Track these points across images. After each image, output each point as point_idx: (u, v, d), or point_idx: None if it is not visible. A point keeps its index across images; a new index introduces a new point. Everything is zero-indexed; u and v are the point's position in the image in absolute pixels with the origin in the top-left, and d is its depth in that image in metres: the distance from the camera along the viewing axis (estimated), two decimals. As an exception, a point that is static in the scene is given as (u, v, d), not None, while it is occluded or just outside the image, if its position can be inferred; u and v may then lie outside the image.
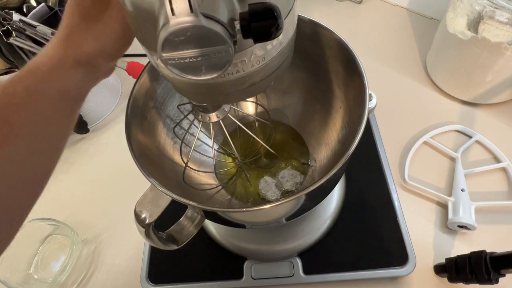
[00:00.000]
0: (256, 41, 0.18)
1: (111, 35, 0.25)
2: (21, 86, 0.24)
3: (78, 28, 0.25)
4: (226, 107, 0.37)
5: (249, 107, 0.50)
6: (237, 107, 0.49)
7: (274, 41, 0.22)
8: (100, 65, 0.27)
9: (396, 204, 0.47)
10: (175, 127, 0.42)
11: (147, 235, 0.31)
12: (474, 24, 0.49)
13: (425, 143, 0.53)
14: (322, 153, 0.45)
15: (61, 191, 0.57)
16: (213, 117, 0.36)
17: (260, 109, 0.49)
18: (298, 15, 0.25)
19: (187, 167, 0.41)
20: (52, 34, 0.50)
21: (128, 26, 0.24)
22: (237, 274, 0.45)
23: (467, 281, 0.38)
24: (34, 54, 0.52)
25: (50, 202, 0.56)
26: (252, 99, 0.48)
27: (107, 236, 0.52)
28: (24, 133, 0.24)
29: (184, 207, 0.34)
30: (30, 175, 0.25)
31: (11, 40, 0.48)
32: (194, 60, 0.18)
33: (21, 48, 0.50)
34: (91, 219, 0.54)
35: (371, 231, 0.46)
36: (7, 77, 0.53)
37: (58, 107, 0.26)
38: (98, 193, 0.56)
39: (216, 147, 0.48)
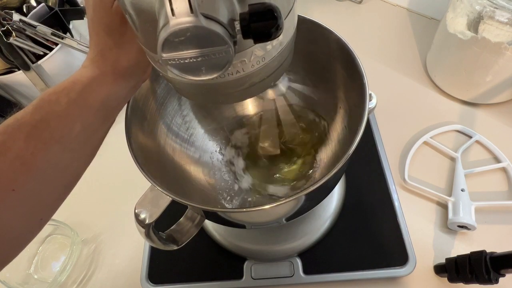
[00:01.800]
0: (256, 41, 0.18)
1: (136, 46, 0.26)
2: (64, 95, 0.25)
3: (107, 45, 0.26)
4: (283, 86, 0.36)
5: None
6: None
7: (274, 42, 0.22)
8: (139, 74, 0.28)
9: (396, 204, 0.47)
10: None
11: (147, 235, 0.31)
12: (474, 24, 0.49)
13: (425, 143, 0.53)
14: (322, 153, 0.45)
15: (61, 191, 0.57)
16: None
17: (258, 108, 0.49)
18: (298, 15, 0.25)
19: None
20: (52, 34, 0.50)
21: None
22: (237, 274, 0.45)
23: (467, 281, 0.38)
24: (34, 54, 0.53)
25: (50, 202, 0.56)
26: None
27: (107, 236, 0.52)
28: (65, 139, 0.25)
29: (184, 207, 0.34)
30: (67, 179, 0.27)
31: (11, 40, 0.48)
32: (194, 60, 0.18)
33: (21, 48, 0.50)
34: (91, 219, 0.54)
35: (371, 231, 0.46)
36: (7, 77, 0.53)
37: (98, 116, 0.27)
38: (98, 193, 0.56)
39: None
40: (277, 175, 0.45)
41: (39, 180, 0.24)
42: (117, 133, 0.33)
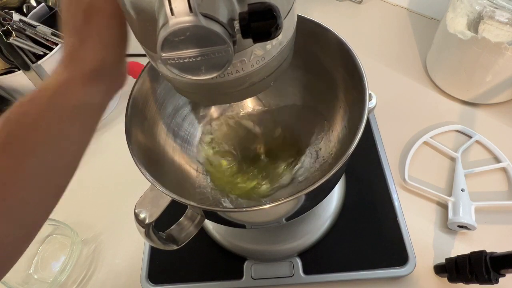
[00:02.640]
0: (256, 41, 0.18)
1: (105, 43, 0.25)
2: (32, 105, 0.24)
3: (74, 45, 0.25)
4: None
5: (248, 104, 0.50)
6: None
7: (274, 41, 0.22)
8: (108, 76, 0.27)
9: (396, 204, 0.47)
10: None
11: (147, 235, 0.31)
12: (474, 24, 0.49)
13: (425, 143, 0.53)
14: (322, 153, 0.45)
15: (61, 191, 0.57)
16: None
17: (258, 107, 0.49)
18: (298, 15, 0.25)
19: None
20: (52, 34, 0.50)
21: (118, 28, 0.24)
22: (237, 274, 0.45)
23: (467, 281, 0.38)
24: (34, 54, 0.53)
25: (50, 202, 0.56)
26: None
27: (107, 236, 0.52)
28: (39, 152, 0.24)
29: (184, 207, 0.34)
30: (48, 191, 0.26)
31: (11, 40, 0.48)
32: (194, 60, 0.18)
33: (21, 48, 0.50)
34: (91, 219, 0.54)
35: (371, 231, 0.46)
36: (7, 77, 0.53)
37: (72, 125, 0.26)
38: (98, 193, 0.56)
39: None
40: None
41: (20, 199, 0.23)
42: (117, 133, 0.33)
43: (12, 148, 0.23)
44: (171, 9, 0.16)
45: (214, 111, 0.48)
